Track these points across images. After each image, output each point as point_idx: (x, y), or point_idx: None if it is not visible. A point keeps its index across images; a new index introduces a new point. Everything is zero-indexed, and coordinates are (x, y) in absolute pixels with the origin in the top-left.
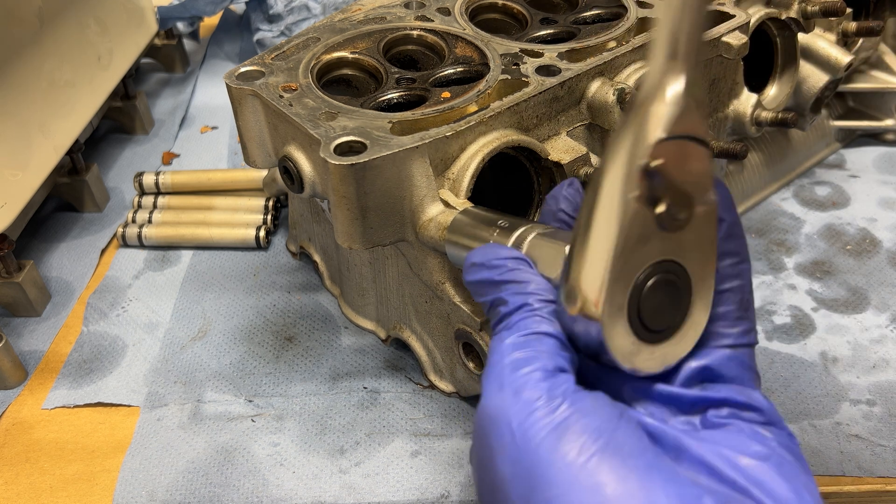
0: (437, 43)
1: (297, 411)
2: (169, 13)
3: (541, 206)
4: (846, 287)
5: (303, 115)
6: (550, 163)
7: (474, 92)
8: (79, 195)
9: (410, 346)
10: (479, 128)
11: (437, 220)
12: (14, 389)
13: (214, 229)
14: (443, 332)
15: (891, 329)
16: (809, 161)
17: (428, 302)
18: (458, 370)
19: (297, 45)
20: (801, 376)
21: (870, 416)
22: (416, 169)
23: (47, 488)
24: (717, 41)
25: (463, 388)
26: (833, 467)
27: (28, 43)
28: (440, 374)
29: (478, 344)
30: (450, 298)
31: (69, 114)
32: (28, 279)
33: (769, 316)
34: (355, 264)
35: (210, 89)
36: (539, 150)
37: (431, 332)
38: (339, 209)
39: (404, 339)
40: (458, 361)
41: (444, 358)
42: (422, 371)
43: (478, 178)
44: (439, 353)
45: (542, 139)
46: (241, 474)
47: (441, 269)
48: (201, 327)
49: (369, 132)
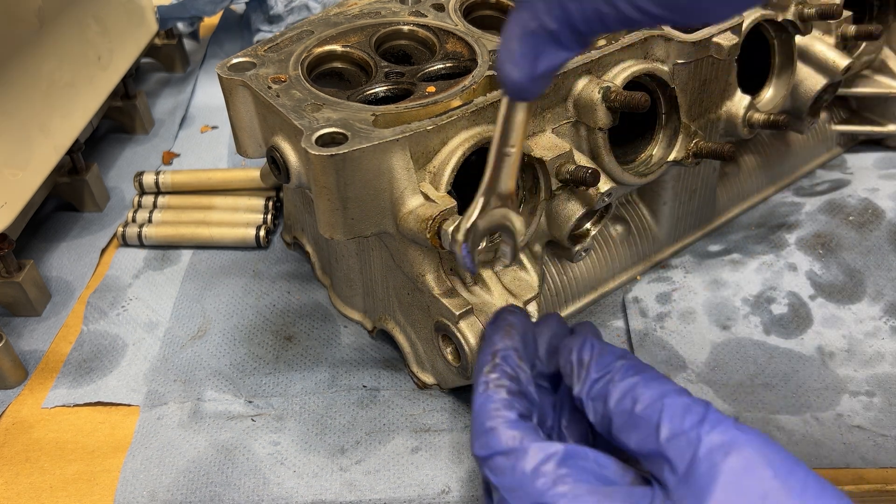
0: (429, 38)
1: (296, 410)
2: (169, 13)
3: (524, 202)
4: (844, 269)
5: (289, 106)
6: (534, 159)
7: (459, 87)
8: (79, 195)
9: (394, 338)
10: (461, 122)
11: (416, 212)
12: (14, 389)
13: (214, 229)
14: (424, 323)
15: (884, 321)
16: (809, 165)
17: (410, 294)
18: (439, 362)
19: (291, 37)
20: (800, 371)
21: (870, 406)
22: (396, 161)
23: (47, 488)
24: (709, 42)
25: (443, 379)
26: (837, 459)
27: (28, 43)
28: (422, 366)
29: (455, 336)
30: (429, 291)
31: (69, 113)
32: (28, 279)
33: (768, 304)
34: (343, 255)
35: (210, 89)
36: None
37: (414, 324)
38: (320, 199)
39: (389, 331)
40: (438, 353)
41: (426, 349)
42: (405, 362)
43: (461, 171)
44: (421, 345)
45: (526, 136)
46: (242, 473)
47: (421, 261)
48: (201, 326)
49: (352, 124)
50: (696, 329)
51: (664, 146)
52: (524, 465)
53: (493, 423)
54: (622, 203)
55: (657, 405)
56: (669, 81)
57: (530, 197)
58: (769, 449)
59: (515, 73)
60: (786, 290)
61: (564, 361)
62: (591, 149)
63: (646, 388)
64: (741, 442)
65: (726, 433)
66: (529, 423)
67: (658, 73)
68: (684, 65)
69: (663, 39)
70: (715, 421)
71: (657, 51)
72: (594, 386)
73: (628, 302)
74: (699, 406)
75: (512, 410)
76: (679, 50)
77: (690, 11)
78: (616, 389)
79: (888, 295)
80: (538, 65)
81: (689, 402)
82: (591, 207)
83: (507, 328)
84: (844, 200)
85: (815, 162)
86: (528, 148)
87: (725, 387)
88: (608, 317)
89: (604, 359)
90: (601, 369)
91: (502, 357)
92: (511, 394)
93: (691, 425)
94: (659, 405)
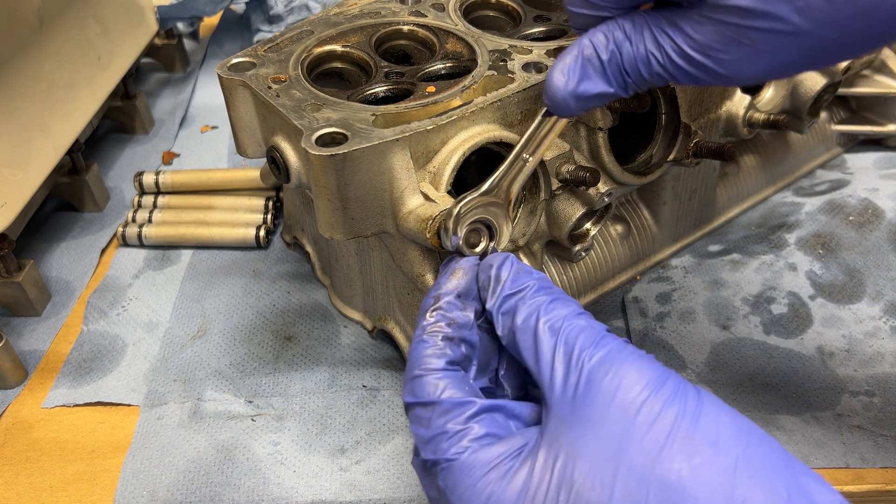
0: (429, 38)
1: (296, 410)
2: (169, 13)
3: (524, 202)
4: (844, 269)
5: (289, 106)
6: None
7: (459, 87)
8: (79, 195)
9: (394, 338)
10: (461, 122)
11: (416, 212)
12: (14, 389)
13: (214, 229)
14: None
15: (884, 321)
16: (809, 165)
17: (410, 294)
18: None
19: (291, 37)
20: (799, 371)
21: (870, 406)
22: (396, 161)
23: (47, 488)
24: None
25: None
26: (836, 459)
27: (28, 43)
28: None
29: None
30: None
31: (69, 113)
32: (28, 279)
33: (768, 304)
34: (343, 255)
35: (210, 89)
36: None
37: (414, 324)
38: (320, 199)
39: (389, 331)
40: None
41: None
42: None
43: (462, 171)
44: None
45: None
46: (242, 473)
47: (421, 261)
48: (201, 326)
49: (351, 124)
50: (695, 329)
51: (664, 146)
52: (438, 418)
53: (420, 371)
54: (622, 203)
55: (557, 325)
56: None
57: (530, 197)
58: (646, 365)
59: (559, 83)
60: (786, 290)
61: (483, 276)
62: (591, 149)
63: (551, 307)
64: (620, 360)
65: (610, 353)
66: (458, 373)
67: None
68: None
69: None
70: (604, 343)
71: None
72: (506, 301)
73: (628, 302)
74: (595, 330)
75: (442, 358)
76: None
77: (730, 80)
78: (524, 306)
79: (888, 295)
80: (579, 85)
81: (586, 324)
82: (591, 207)
83: (455, 270)
84: (844, 200)
85: (814, 162)
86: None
87: (725, 387)
88: (608, 317)
89: (520, 277)
90: (515, 286)
91: (445, 301)
92: (446, 339)
93: (582, 347)
94: (558, 325)
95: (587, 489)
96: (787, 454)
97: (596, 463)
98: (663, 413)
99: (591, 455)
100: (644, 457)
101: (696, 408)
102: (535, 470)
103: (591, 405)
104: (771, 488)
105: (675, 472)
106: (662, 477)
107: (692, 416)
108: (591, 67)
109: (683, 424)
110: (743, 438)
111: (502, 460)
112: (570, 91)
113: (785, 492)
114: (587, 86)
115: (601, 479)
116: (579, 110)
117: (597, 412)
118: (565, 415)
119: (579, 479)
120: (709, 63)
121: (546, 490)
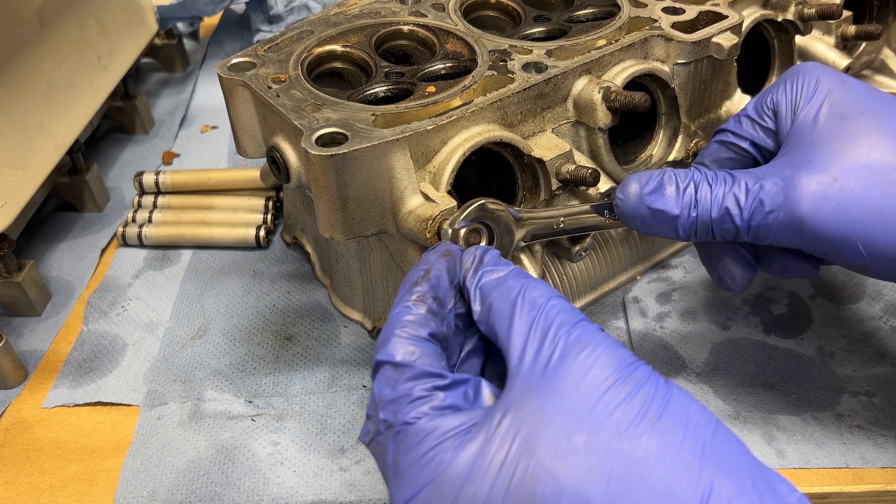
0: (429, 38)
1: (296, 410)
2: (169, 13)
3: (524, 201)
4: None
5: (289, 105)
6: (533, 159)
7: (459, 87)
8: (79, 195)
9: None
10: (461, 122)
11: (416, 212)
12: (14, 389)
13: (214, 229)
14: None
15: (884, 321)
16: None
17: None
18: None
19: (291, 37)
20: (799, 370)
21: (870, 406)
22: (396, 161)
23: (47, 488)
24: (709, 42)
25: None
26: (836, 459)
27: (28, 43)
28: None
29: None
30: None
31: (69, 113)
32: (28, 279)
33: (768, 304)
34: (343, 255)
35: (210, 89)
36: (521, 146)
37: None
38: (320, 199)
39: None
40: None
41: None
42: None
43: (462, 171)
44: None
45: (526, 136)
46: (242, 473)
47: None
48: (201, 326)
49: (351, 124)
50: (695, 329)
51: (664, 146)
52: (406, 381)
53: (401, 333)
54: None
55: (539, 301)
56: (669, 81)
57: (530, 197)
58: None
59: (634, 183)
60: (786, 289)
61: (468, 258)
62: (591, 149)
63: (533, 286)
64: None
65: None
66: (436, 346)
67: (658, 73)
68: (684, 65)
69: (663, 39)
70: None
71: (657, 51)
72: (486, 275)
73: (628, 302)
74: (575, 312)
75: (425, 328)
76: (679, 50)
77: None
78: (506, 282)
79: (888, 295)
80: (651, 196)
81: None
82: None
83: (445, 251)
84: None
85: None
86: (528, 148)
87: (725, 387)
88: (608, 317)
89: (501, 260)
90: (497, 266)
91: (434, 275)
92: (431, 312)
93: (561, 324)
94: (541, 301)
95: (549, 458)
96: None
97: (562, 433)
98: (635, 393)
99: (557, 424)
100: (612, 431)
101: (666, 393)
102: (495, 438)
103: (564, 377)
104: (737, 474)
105: (643, 449)
106: (629, 452)
107: (662, 399)
108: (667, 188)
109: (654, 406)
110: (711, 426)
111: (460, 430)
112: (637, 196)
113: (750, 479)
114: (653, 199)
115: (566, 447)
116: (632, 223)
117: (568, 384)
118: (534, 384)
119: (542, 447)
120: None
121: (503, 458)
